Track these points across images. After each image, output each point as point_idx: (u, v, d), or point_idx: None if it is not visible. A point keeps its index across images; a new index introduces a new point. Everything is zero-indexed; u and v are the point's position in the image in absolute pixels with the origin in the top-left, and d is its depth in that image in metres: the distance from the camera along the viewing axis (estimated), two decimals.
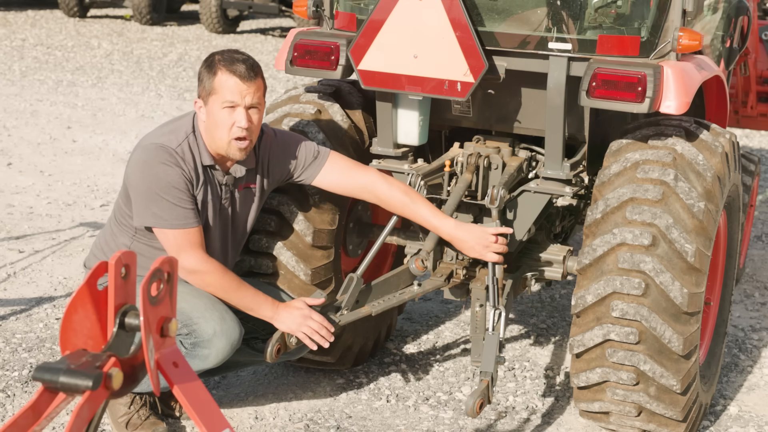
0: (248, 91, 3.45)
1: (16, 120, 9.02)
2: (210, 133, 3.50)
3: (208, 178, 3.55)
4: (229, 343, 3.46)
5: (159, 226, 3.45)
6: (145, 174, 3.45)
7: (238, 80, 3.43)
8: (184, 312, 3.43)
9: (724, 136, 3.80)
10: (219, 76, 3.44)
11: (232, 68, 3.44)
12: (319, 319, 3.54)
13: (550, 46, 3.61)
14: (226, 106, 3.44)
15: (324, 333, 3.53)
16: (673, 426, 3.69)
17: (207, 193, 3.54)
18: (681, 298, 3.44)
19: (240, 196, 3.66)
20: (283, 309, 3.53)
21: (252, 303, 3.52)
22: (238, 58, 3.48)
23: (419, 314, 5.04)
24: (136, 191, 3.47)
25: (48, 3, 17.74)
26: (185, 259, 3.41)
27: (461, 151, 4.02)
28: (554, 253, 4.05)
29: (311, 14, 4.04)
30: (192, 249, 3.45)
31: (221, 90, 3.44)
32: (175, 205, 3.43)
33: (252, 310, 3.53)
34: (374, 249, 3.87)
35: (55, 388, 1.73)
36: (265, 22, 17.05)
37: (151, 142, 3.49)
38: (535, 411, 4.09)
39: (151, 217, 3.45)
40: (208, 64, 3.50)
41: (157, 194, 3.42)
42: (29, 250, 5.69)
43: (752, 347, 4.80)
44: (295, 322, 3.51)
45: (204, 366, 3.45)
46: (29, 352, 4.39)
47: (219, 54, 3.51)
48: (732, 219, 4.13)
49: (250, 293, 3.52)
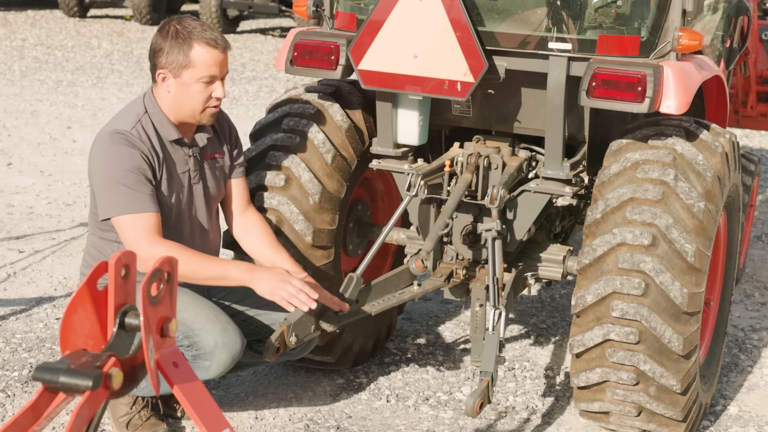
0: (225, 62, 3.43)
1: (16, 120, 9.02)
2: (179, 104, 3.43)
3: (173, 154, 3.49)
4: (230, 355, 3.41)
5: (115, 213, 3.34)
6: (102, 164, 3.37)
7: (218, 52, 3.39)
8: (186, 323, 3.38)
9: (724, 136, 3.80)
10: (196, 49, 3.37)
11: (210, 42, 3.38)
12: (298, 284, 3.34)
13: (550, 46, 3.61)
14: (205, 80, 3.40)
15: (303, 297, 3.33)
16: (673, 426, 3.69)
17: (173, 169, 3.48)
18: (681, 298, 3.44)
19: (209, 167, 3.61)
20: (261, 271, 3.38)
21: (222, 270, 3.37)
22: (208, 29, 3.41)
23: (419, 314, 5.04)
24: (96, 184, 3.40)
25: (48, 3, 17.74)
26: (140, 246, 3.26)
27: (461, 151, 4.02)
28: (554, 253, 4.05)
29: (311, 14, 4.04)
30: (147, 235, 3.32)
31: (200, 64, 3.37)
32: (131, 190, 3.33)
33: (225, 278, 3.37)
34: (374, 249, 3.87)
35: (55, 388, 1.73)
36: (265, 22, 17.05)
37: (105, 132, 3.42)
38: (535, 411, 4.09)
39: (109, 206, 3.36)
40: (176, 36, 3.38)
41: (113, 181, 3.34)
42: (29, 250, 5.69)
43: (752, 347, 4.80)
44: (272, 284, 3.33)
45: (205, 377, 3.41)
46: (29, 352, 4.39)
47: (184, 26, 3.39)
48: (732, 219, 4.13)
49: (216, 261, 3.41)
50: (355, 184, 4.14)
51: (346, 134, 4.01)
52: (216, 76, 3.41)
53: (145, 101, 3.50)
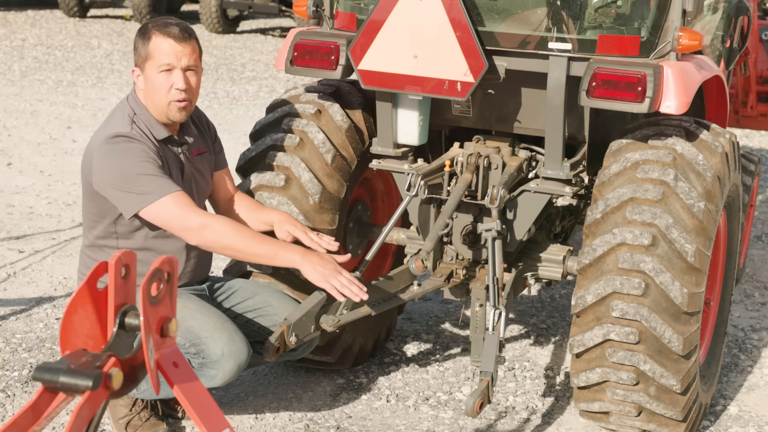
0: (183, 53, 3.45)
1: (16, 120, 9.02)
2: (150, 98, 3.48)
3: (166, 153, 3.51)
4: (237, 364, 3.40)
5: (149, 201, 3.35)
6: (113, 165, 3.38)
7: (173, 42, 3.43)
8: (193, 330, 3.38)
9: (724, 136, 3.80)
10: (153, 40, 3.44)
11: (166, 31, 3.44)
12: (348, 276, 3.41)
13: (550, 46, 3.61)
14: (163, 69, 3.43)
15: (355, 289, 3.38)
16: (673, 426, 3.69)
17: (170, 167, 3.50)
18: (681, 298, 3.44)
19: (197, 163, 3.64)
20: (313, 256, 3.40)
21: (273, 249, 3.39)
22: (170, 22, 3.49)
23: (419, 314, 5.04)
24: (113, 187, 3.39)
25: (48, 3, 17.73)
26: (190, 218, 3.33)
27: (461, 151, 4.02)
28: (554, 253, 4.05)
29: (311, 14, 4.04)
30: (191, 208, 3.37)
31: (157, 54, 3.43)
32: (155, 176, 3.36)
33: (276, 258, 3.40)
34: (374, 249, 3.87)
35: (55, 388, 1.73)
36: (265, 22, 17.04)
37: (103, 138, 3.43)
38: (535, 411, 4.09)
39: (137, 198, 3.36)
40: (142, 32, 3.48)
41: (133, 175, 3.35)
42: (29, 250, 5.69)
43: (752, 347, 4.80)
44: (325, 272, 3.38)
45: (210, 385, 3.39)
46: (29, 352, 4.39)
47: (152, 22, 3.51)
48: (732, 219, 4.13)
49: (270, 240, 3.44)
50: (355, 184, 4.14)
51: (346, 134, 4.01)
52: (172, 64, 3.44)
53: (131, 103, 3.52)
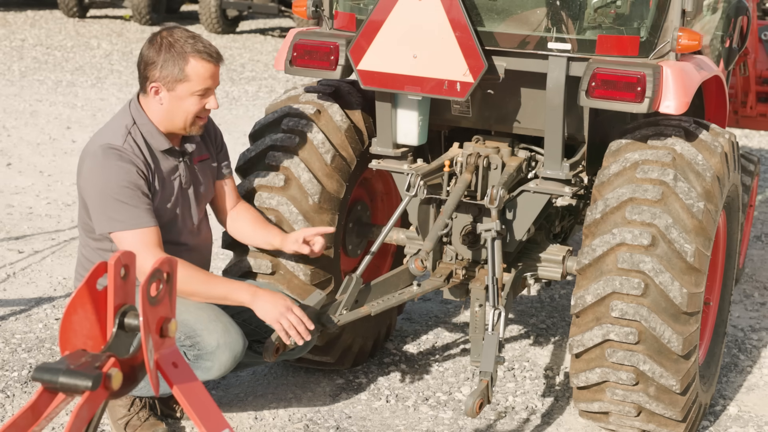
0: (218, 74, 3.47)
1: (15, 120, 9.02)
2: (170, 116, 3.47)
3: (163, 162, 3.51)
4: (232, 356, 3.41)
5: (115, 229, 3.38)
6: (97, 179, 3.40)
7: (212, 66, 3.43)
8: (188, 323, 3.39)
9: (723, 136, 3.80)
10: (192, 63, 3.40)
11: (203, 55, 3.41)
12: (299, 313, 3.45)
13: (549, 46, 3.61)
14: (199, 93, 3.43)
15: (301, 329, 3.43)
16: (673, 426, 3.69)
17: (165, 177, 3.51)
18: (680, 298, 3.44)
19: (198, 170, 3.65)
20: (265, 295, 3.44)
21: (225, 290, 3.45)
22: (202, 42, 3.44)
23: (419, 314, 5.04)
24: (91, 199, 3.42)
25: (48, 3, 17.73)
26: (145, 260, 3.28)
27: (461, 151, 4.02)
28: (554, 253, 4.05)
29: (311, 14, 4.04)
30: (150, 249, 3.36)
31: (195, 78, 3.41)
32: (129, 205, 3.37)
33: (227, 298, 3.45)
34: (374, 249, 3.87)
35: (55, 388, 1.73)
36: (264, 22, 17.04)
37: (96, 146, 3.43)
38: (534, 411, 4.09)
39: (107, 221, 3.39)
40: (169, 48, 3.40)
41: (110, 197, 3.37)
42: (29, 251, 5.69)
43: (752, 347, 4.80)
44: (275, 311, 3.42)
45: (206, 378, 3.41)
46: (29, 353, 4.39)
47: (172, 36, 3.42)
48: (731, 219, 4.13)
49: (221, 281, 3.48)
50: (354, 185, 4.14)
51: (345, 134, 4.01)
52: (210, 88, 3.46)
53: (132, 112, 3.51)
